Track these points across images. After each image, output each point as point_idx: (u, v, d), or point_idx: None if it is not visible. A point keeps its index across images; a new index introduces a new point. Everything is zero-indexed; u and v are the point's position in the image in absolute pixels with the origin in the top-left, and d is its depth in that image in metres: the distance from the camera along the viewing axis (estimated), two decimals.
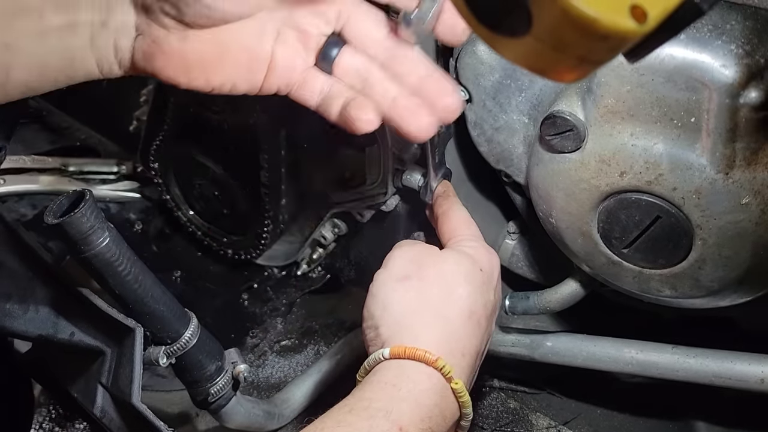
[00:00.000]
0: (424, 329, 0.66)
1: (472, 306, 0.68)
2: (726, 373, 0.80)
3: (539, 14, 0.37)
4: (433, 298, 0.68)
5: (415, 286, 0.68)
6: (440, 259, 0.71)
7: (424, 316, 0.66)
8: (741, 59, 0.64)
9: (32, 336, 0.74)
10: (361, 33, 0.63)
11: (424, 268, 0.69)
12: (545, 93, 0.79)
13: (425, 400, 0.62)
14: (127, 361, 0.69)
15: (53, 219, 0.63)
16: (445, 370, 0.63)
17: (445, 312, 0.67)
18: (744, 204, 0.68)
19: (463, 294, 0.68)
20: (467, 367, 0.66)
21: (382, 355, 0.64)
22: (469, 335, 0.67)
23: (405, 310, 0.67)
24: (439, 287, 0.68)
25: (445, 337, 0.65)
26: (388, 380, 0.63)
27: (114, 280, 0.67)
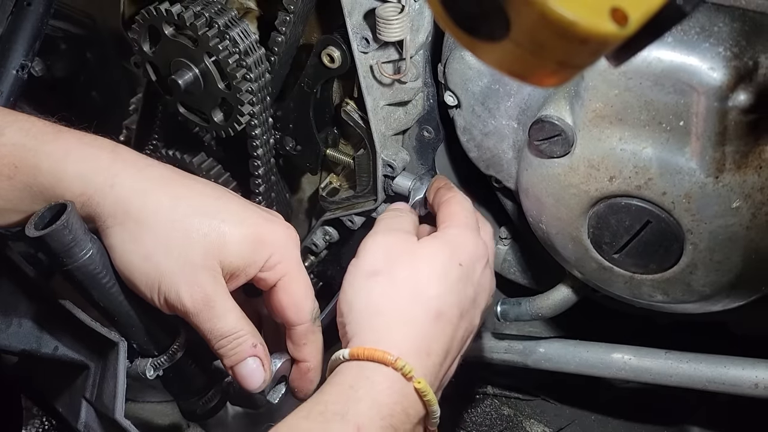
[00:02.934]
0: (388, 329, 0.66)
1: (441, 306, 0.68)
2: (719, 378, 0.80)
3: (517, 18, 0.36)
4: (401, 297, 0.68)
5: (382, 283, 0.69)
6: (414, 255, 0.71)
7: (390, 316, 0.67)
8: (729, 62, 0.64)
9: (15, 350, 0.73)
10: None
11: (395, 264, 0.70)
12: (534, 98, 0.78)
13: (384, 398, 0.62)
14: (111, 376, 0.68)
15: (35, 232, 0.62)
16: (405, 370, 0.63)
17: (411, 312, 0.67)
18: (734, 208, 0.68)
19: (433, 295, 0.68)
20: (433, 366, 0.66)
21: (342, 356, 0.65)
22: (437, 335, 0.67)
23: (370, 308, 0.68)
24: (407, 286, 0.69)
25: (409, 338, 0.66)
26: (346, 381, 0.64)
27: (98, 293, 0.66)
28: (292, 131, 0.97)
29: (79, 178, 0.65)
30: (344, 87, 0.94)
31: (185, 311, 0.66)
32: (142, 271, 0.66)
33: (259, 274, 0.70)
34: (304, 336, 0.73)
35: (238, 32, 0.86)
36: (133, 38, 0.91)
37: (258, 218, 0.70)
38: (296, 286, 0.71)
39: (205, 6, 0.86)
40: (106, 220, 0.66)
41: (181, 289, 0.65)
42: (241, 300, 0.72)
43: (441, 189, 0.84)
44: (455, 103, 0.83)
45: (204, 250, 0.66)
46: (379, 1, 0.80)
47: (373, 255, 0.72)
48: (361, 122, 0.91)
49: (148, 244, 0.65)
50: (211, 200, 0.70)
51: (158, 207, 0.66)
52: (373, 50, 0.83)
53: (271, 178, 1.01)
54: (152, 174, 0.69)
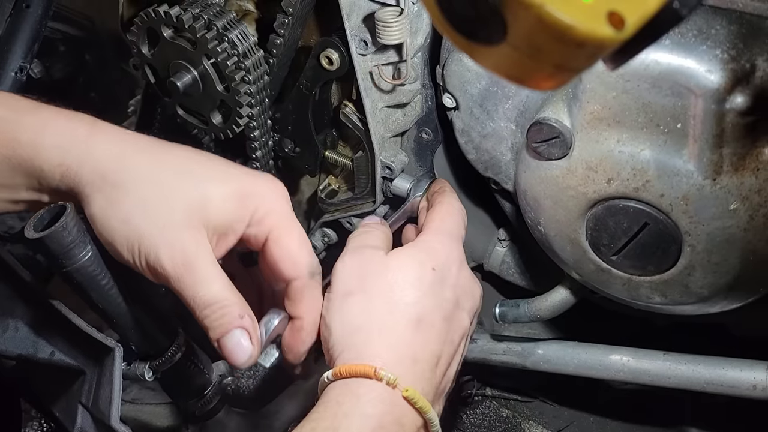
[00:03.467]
0: (367, 344, 0.66)
1: (420, 311, 0.68)
2: (718, 380, 0.80)
3: (514, 22, 0.37)
4: (377, 310, 0.68)
5: (357, 301, 0.69)
6: (384, 268, 0.70)
7: (368, 330, 0.67)
8: (726, 64, 0.64)
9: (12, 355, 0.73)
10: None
11: (367, 280, 0.70)
12: (532, 100, 0.78)
13: (371, 410, 0.62)
14: (107, 382, 0.68)
15: (34, 233, 0.62)
16: (389, 379, 0.63)
17: (389, 323, 0.67)
18: (732, 210, 0.68)
19: (409, 301, 0.68)
20: (423, 373, 0.66)
21: (327, 378, 0.65)
22: (421, 341, 0.67)
23: (349, 327, 0.67)
24: (382, 298, 0.68)
25: (390, 347, 0.65)
26: (333, 398, 0.63)
27: (97, 295, 0.66)
28: (291, 133, 0.98)
29: (58, 149, 0.64)
30: (343, 89, 0.94)
31: (166, 275, 0.63)
32: (122, 234, 0.63)
33: (248, 230, 0.67)
34: (301, 291, 0.70)
35: (237, 34, 0.86)
36: (131, 40, 0.91)
37: (241, 173, 0.68)
38: (289, 238, 0.68)
39: (203, 8, 0.86)
40: (85, 189, 0.63)
41: (161, 251, 0.62)
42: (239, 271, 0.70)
43: (435, 193, 0.84)
44: (453, 105, 0.83)
45: (186, 210, 0.63)
46: (378, 4, 0.80)
47: (344, 276, 0.71)
48: (359, 124, 0.91)
49: (127, 206, 0.63)
50: (193, 161, 0.67)
51: (137, 169, 0.64)
52: (371, 52, 0.83)
53: None
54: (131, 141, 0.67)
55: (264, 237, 0.68)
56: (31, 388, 0.83)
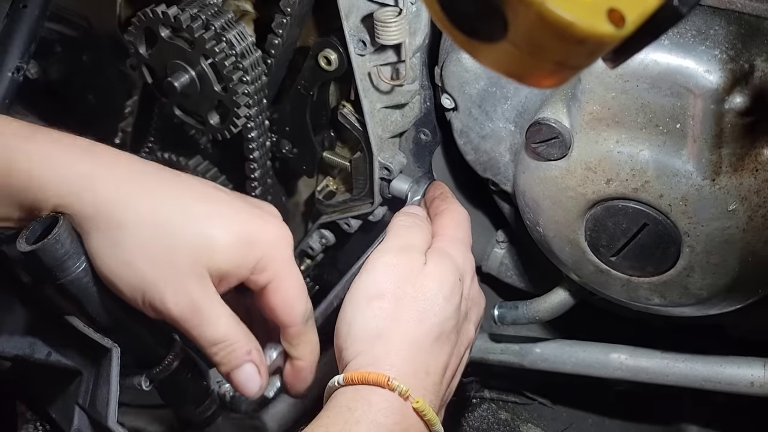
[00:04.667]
0: (387, 352, 0.65)
1: (442, 325, 0.67)
2: (716, 377, 0.80)
3: (515, 19, 0.36)
4: (405, 319, 0.67)
5: (387, 306, 0.67)
6: (422, 275, 0.70)
7: (391, 339, 0.66)
8: (725, 64, 0.64)
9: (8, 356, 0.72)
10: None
11: (403, 286, 0.69)
12: (531, 100, 0.78)
13: (382, 419, 0.61)
14: (104, 382, 0.67)
15: (26, 246, 0.60)
16: (401, 390, 0.62)
17: (415, 334, 0.66)
18: (731, 210, 0.68)
19: (438, 313, 0.68)
20: (433, 385, 0.65)
21: (337, 382, 0.64)
22: (436, 353, 0.67)
23: (371, 332, 0.67)
24: (413, 309, 0.67)
25: (410, 359, 0.65)
26: (344, 404, 0.62)
27: (92, 306, 0.64)
28: (289, 134, 0.97)
29: (54, 183, 0.62)
30: (341, 89, 0.94)
31: (172, 319, 0.64)
32: (125, 279, 0.63)
33: (250, 277, 0.68)
34: (298, 337, 0.71)
35: (235, 34, 0.86)
36: (129, 40, 0.91)
37: (247, 217, 0.67)
38: (287, 289, 0.69)
39: (201, 8, 0.86)
40: (84, 223, 0.62)
41: (166, 297, 0.63)
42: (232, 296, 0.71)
43: (436, 199, 0.83)
44: (452, 105, 0.83)
45: (190, 256, 0.63)
46: (376, 5, 0.80)
47: (381, 276, 0.69)
48: (357, 125, 0.91)
49: (130, 249, 0.62)
50: (197, 201, 0.66)
51: (139, 209, 0.63)
52: (369, 53, 0.83)
53: (268, 181, 1.01)
54: (132, 174, 0.65)
55: (264, 283, 0.68)
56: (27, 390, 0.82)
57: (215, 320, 0.65)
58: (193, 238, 0.64)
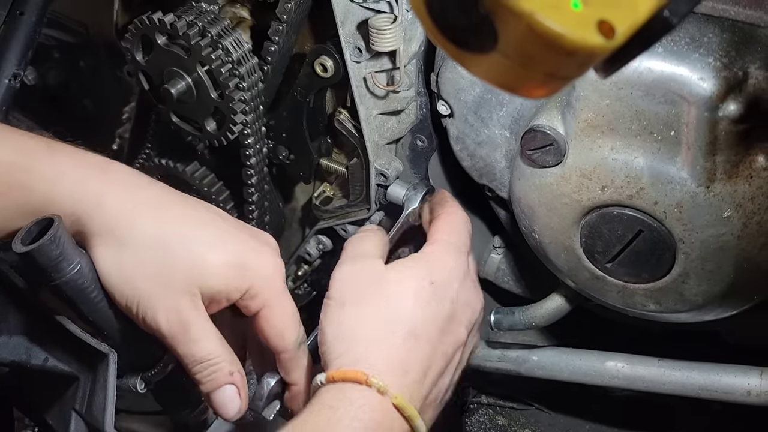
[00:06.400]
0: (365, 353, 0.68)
1: (414, 325, 0.69)
2: (712, 386, 0.80)
3: (505, 31, 0.37)
4: (372, 322, 0.70)
5: (352, 312, 0.71)
6: (382, 279, 0.72)
7: (363, 341, 0.69)
8: (719, 72, 0.64)
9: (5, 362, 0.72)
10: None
11: (363, 292, 0.72)
12: (526, 107, 0.78)
13: (362, 415, 0.63)
14: (101, 388, 0.68)
15: (21, 247, 0.61)
16: (380, 387, 0.64)
17: (384, 334, 0.69)
18: (726, 217, 0.68)
19: (405, 314, 0.70)
20: (413, 383, 0.67)
21: (320, 381, 0.67)
22: (414, 353, 0.68)
23: (345, 337, 0.69)
24: (378, 310, 0.70)
25: (383, 358, 0.67)
26: (326, 402, 0.65)
27: (87, 307, 0.65)
28: (285, 140, 0.97)
29: (70, 198, 0.66)
30: (337, 96, 0.94)
31: (161, 333, 0.67)
32: (122, 291, 0.66)
33: (240, 302, 0.70)
34: (290, 362, 0.74)
35: (231, 41, 0.86)
36: (126, 47, 0.91)
37: (243, 246, 0.70)
38: (278, 316, 0.71)
39: (198, 15, 0.86)
40: (93, 239, 0.67)
41: (158, 312, 0.66)
42: (227, 318, 0.73)
43: (435, 203, 0.84)
44: (448, 112, 0.83)
45: (184, 276, 0.67)
46: (372, 12, 0.80)
47: (341, 286, 0.73)
48: (354, 131, 0.91)
49: (129, 265, 0.66)
50: (198, 225, 0.70)
51: (142, 229, 0.67)
52: (365, 60, 0.83)
53: (264, 187, 1.01)
54: (141, 195, 0.69)
55: (256, 310, 0.71)
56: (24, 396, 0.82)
57: (202, 339, 0.67)
58: (188, 259, 0.67)
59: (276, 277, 0.71)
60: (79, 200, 0.66)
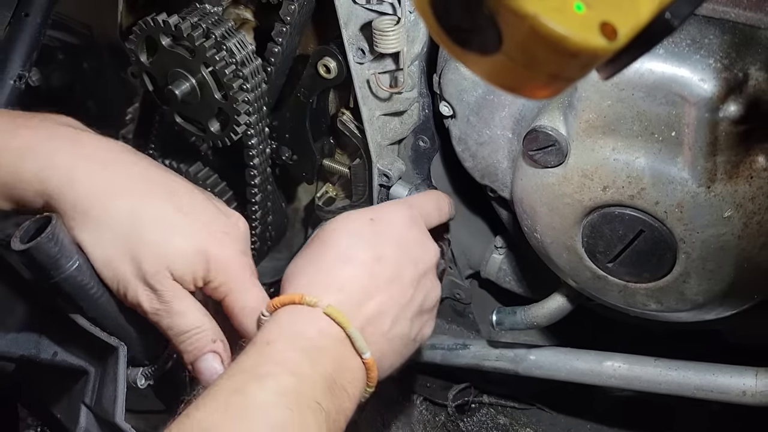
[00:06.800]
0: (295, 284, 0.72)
1: (348, 250, 0.73)
2: (708, 386, 0.80)
3: (509, 32, 0.37)
4: (313, 253, 0.74)
5: (298, 255, 0.76)
6: (324, 225, 0.77)
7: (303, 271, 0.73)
8: (719, 73, 0.64)
9: (14, 357, 0.73)
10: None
11: (312, 238, 0.77)
12: (528, 108, 0.79)
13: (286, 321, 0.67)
14: (111, 380, 0.68)
15: (20, 245, 0.62)
16: (309, 301, 0.67)
17: (320, 261, 0.73)
18: (726, 217, 0.68)
19: (338, 243, 0.74)
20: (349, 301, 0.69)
21: (261, 314, 0.71)
22: (348, 275, 0.71)
23: (287, 276, 0.74)
24: (315, 247, 0.75)
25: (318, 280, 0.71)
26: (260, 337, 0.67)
27: (87, 304, 0.66)
28: (289, 141, 0.98)
29: (38, 177, 0.66)
30: (340, 97, 0.94)
31: (144, 310, 0.69)
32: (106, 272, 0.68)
33: (206, 288, 0.72)
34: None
35: (235, 43, 0.87)
36: (130, 48, 0.92)
37: (206, 234, 0.71)
38: (238, 305, 0.72)
39: (202, 17, 0.87)
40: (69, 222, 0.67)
41: (138, 291, 0.68)
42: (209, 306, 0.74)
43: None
44: (450, 113, 0.84)
45: (155, 257, 0.68)
46: (375, 13, 0.81)
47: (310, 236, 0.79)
48: (357, 132, 0.91)
49: (107, 246, 0.67)
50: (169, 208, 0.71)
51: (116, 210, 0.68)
52: (368, 61, 0.84)
53: (268, 188, 1.01)
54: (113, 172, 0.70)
55: (221, 297, 0.73)
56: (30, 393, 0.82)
57: (183, 312, 0.69)
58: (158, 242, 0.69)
59: (236, 267, 0.72)
60: (49, 177, 0.66)
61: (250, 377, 0.60)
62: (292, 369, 0.61)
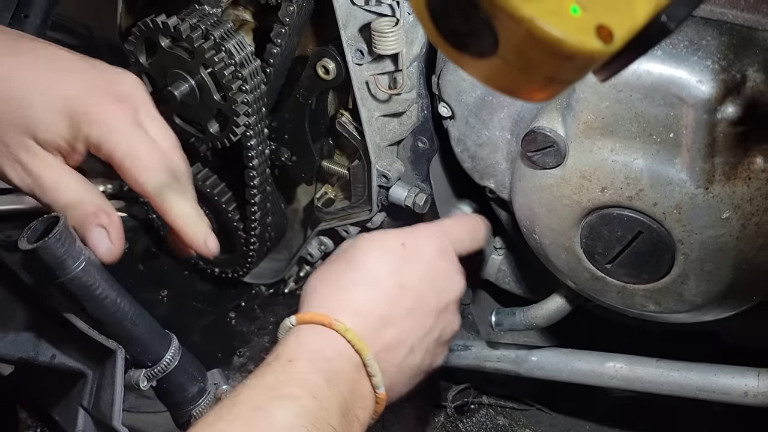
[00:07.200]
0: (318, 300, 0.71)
1: (374, 274, 0.72)
2: (710, 387, 0.80)
3: (505, 36, 0.37)
4: (335, 273, 0.74)
5: (324, 268, 0.75)
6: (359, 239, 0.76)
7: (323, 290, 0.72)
8: (717, 75, 0.65)
9: (13, 359, 0.73)
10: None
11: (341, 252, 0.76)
12: (527, 109, 0.79)
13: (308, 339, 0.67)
14: (109, 384, 0.69)
15: (27, 245, 0.62)
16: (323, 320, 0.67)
17: (342, 282, 0.72)
18: (724, 218, 0.68)
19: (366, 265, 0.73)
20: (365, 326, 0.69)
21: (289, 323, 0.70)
22: (366, 298, 0.71)
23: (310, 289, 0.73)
24: (343, 264, 0.74)
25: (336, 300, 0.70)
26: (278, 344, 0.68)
27: (91, 305, 0.66)
28: (288, 142, 0.98)
29: None
30: (339, 98, 0.95)
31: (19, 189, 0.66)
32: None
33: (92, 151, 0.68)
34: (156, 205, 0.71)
35: (234, 44, 0.87)
36: (129, 50, 0.92)
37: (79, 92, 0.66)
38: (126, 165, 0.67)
39: (201, 18, 0.87)
40: None
41: (6, 171, 0.65)
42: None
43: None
44: (449, 114, 0.84)
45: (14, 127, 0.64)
46: (374, 15, 0.81)
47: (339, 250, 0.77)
48: (356, 133, 0.91)
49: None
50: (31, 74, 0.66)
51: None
52: (367, 62, 0.84)
53: (267, 189, 1.02)
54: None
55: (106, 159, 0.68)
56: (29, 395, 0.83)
57: (57, 185, 0.66)
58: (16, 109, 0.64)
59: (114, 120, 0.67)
60: None
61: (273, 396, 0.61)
62: (314, 393, 0.61)
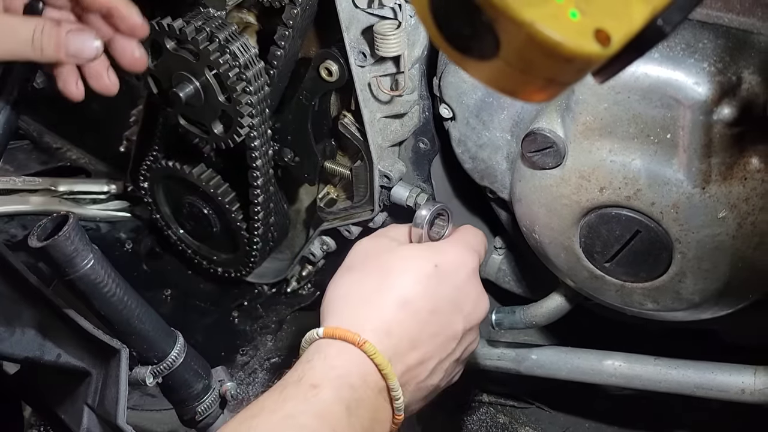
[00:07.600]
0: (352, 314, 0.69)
1: (406, 295, 0.70)
2: (707, 384, 0.81)
3: (506, 39, 0.38)
4: (367, 286, 0.72)
5: (354, 277, 0.73)
6: (390, 254, 0.74)
7: (354, 302, 0.71)
8: (713, 77, 0.66)
9: (19, 358, 0.74)
10: None
11: (369, 260, 0.74)
12: (527, 110, 0.80)
13: (336, 362, 0.65)
14: (113, 382, 0.69)
15: (37, 242, 0.63)
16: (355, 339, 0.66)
17: (374, 298, 0.70)
18: (721, 218, 0.70)
19: (400, 284, 0.71)
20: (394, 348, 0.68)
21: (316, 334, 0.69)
22: (399, 320, 0.69)
23: (340, 297, 0.72)
24: (376, 277, 0.72)
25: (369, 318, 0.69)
26: (304, 358, 0.67)
27: (99, 302, 0.67)
28: (291, 143, 0.99)
29: None
30: (342, 100, 0.96)
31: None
32: None
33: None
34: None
35: (239, 46, 0.88)
36: None
37: None
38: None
39: (206, 21, 0.88)
40: None
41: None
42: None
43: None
44: (450, 115, 0.85)
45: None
46: (376, 17, 0.82)
47: (353, 254, 0.76)
48: (358, 134, 0.92)
49: None
50: None
51: None
52: (370, 64, 0.85)
53: (270, 189, 1.03)
54: None
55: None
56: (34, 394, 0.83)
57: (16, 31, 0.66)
58: None
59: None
60: None
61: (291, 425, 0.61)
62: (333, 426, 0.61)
